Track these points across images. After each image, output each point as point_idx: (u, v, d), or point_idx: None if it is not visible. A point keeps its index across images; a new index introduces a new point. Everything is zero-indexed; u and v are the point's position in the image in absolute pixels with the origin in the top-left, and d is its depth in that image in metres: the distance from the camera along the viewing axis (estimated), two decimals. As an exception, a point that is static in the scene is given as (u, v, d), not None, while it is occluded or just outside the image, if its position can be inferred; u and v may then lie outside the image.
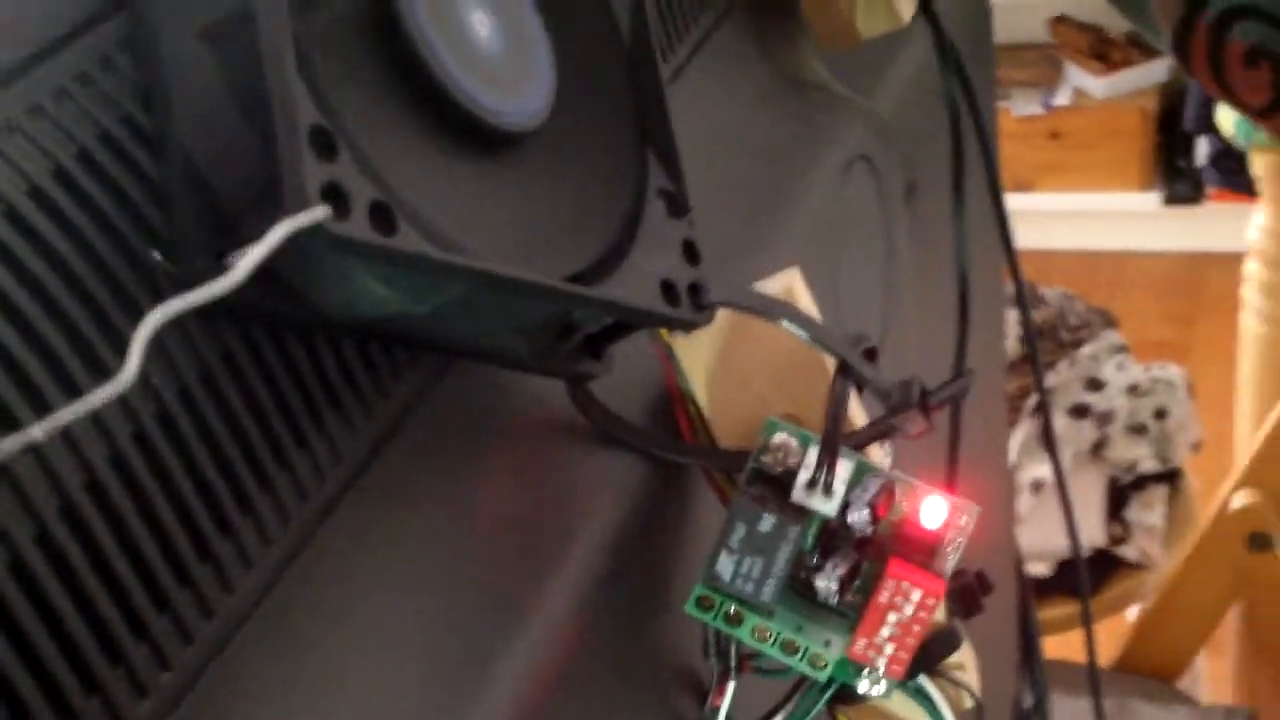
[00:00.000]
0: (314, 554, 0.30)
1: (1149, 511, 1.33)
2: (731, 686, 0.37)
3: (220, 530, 0.28)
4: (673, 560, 0.38)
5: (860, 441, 0.35)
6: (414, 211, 0.28)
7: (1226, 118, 1.33)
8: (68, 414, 0.24)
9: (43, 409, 0.25)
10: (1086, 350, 1.35)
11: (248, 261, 0.25)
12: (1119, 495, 1.33)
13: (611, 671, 0.36)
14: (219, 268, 0.28)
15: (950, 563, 0.35)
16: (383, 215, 0.27)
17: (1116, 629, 1.32)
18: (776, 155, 0.46)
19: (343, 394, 0.32)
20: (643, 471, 0.36)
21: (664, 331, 0.36)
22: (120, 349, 0.26)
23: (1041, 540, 1.25)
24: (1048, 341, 1.34)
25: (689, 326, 0.33)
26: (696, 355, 0.36)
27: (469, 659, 0.31)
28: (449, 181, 0.30)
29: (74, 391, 0.26)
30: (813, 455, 0.35)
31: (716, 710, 0.38)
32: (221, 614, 0.28)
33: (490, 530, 0.33)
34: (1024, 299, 0.62)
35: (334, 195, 0.26)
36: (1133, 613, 1.35)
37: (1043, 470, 1.30)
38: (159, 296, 0.28)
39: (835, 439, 0.34)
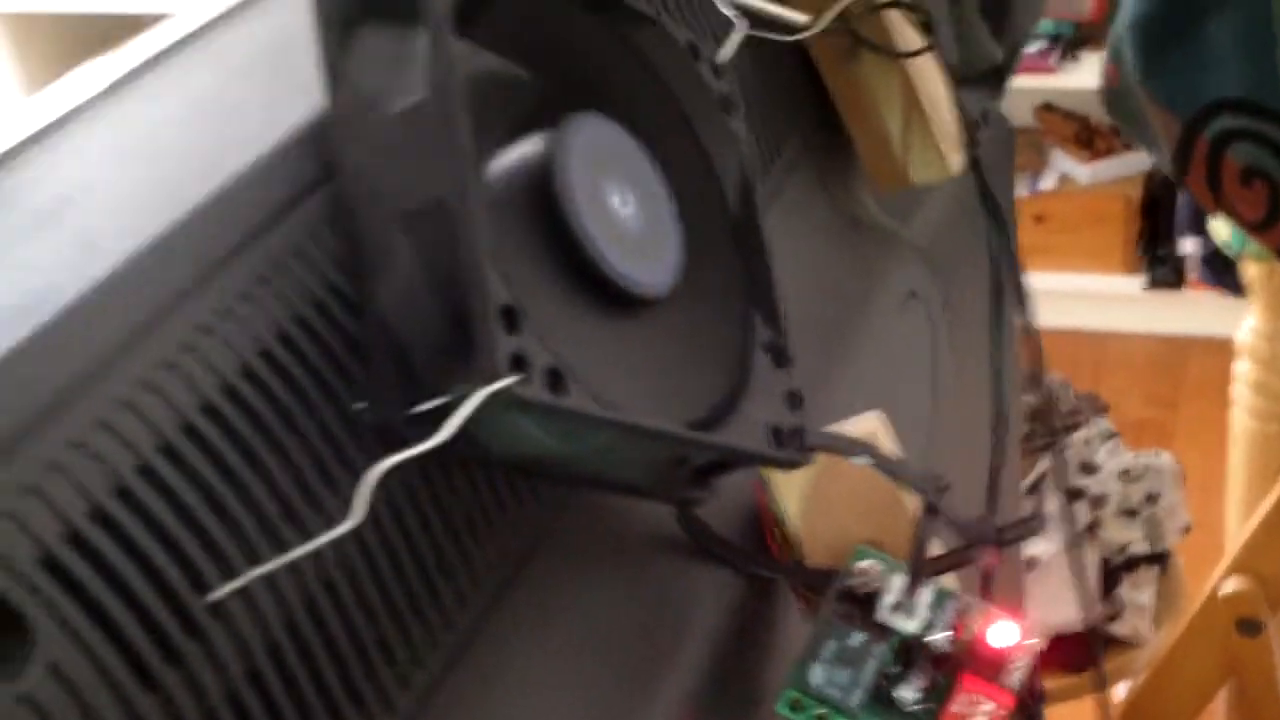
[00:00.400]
0: (462, 669, 0.35)
1: (1139, 591, 1.38)
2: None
3: (382, 652, 0.32)
4: (763, 663, 0.42)
5: (938, 570, 0.40)
6: (577, 374, 0.32)
7: (1222, 226, 1.39)
8: (300, 551, 0.29)
9: (249, 543, 0.29)
10: (1080, 435, 1.40)
11: (454, 420, 0.30)
12: (1111, 575, 1.38)
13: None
14: (412, 417, 0.32)
15: (1017, 678, 0.39)
16: (557, 379, 0.31)
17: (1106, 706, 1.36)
18: (840, 292, 0.51)
19: (494, 518, 0.36)
20: (739, 585, 0.41)
21: (759, 462, 0.41)
22: (314, 487, 0.31)
23: (1036, 615, 1.30)
24: (1043, 425, 1.38)
25: (792, 467, 0.38)
26: (790, 484, 0.41)
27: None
28: (597, 343, 0.35)
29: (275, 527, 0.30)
30: (896, 579, 0.39)
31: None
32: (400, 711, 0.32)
33: (612, 638, 0.38)
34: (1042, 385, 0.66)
35: (518, 364, 0.31)
36: (1122, 689, 1.39)
37: (1038, 548, 1.35)
38: (359, 440, 0.32)
39: (920, 570, 0.38)
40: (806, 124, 0.53)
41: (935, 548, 0.41)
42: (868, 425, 0.41)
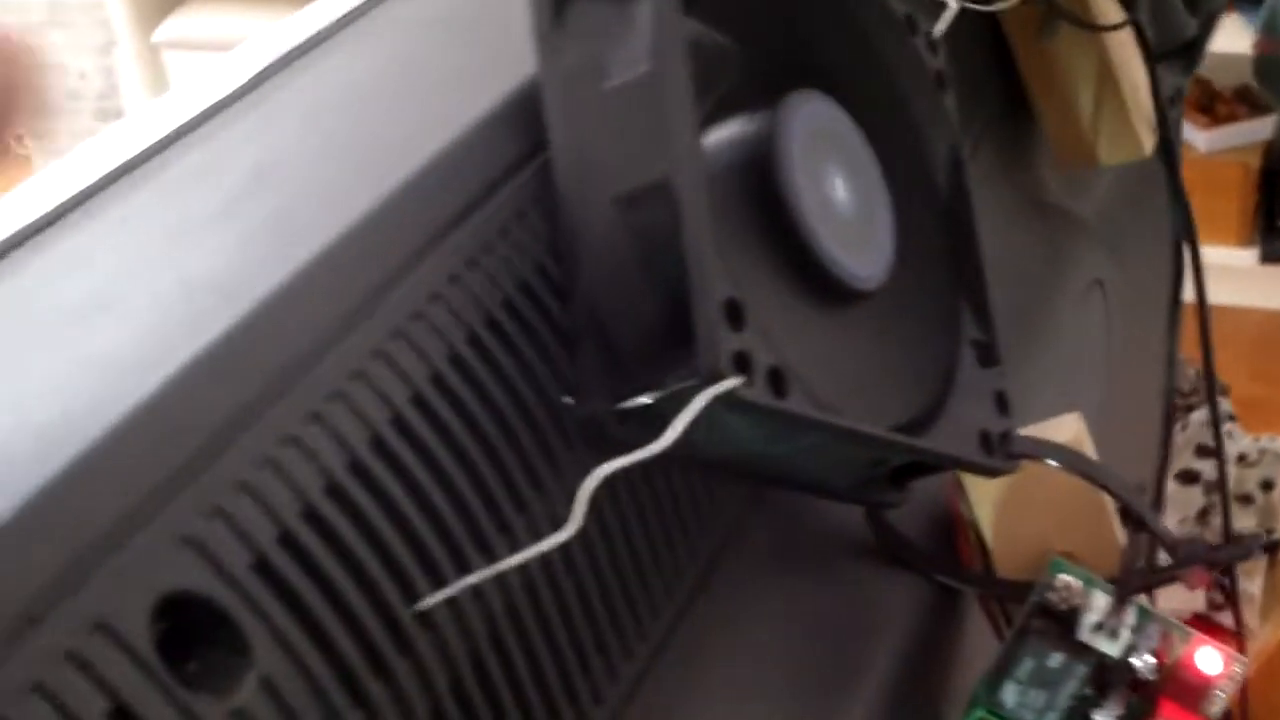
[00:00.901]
0: (655, 679, 0.33)
1: (1249, 581, 1.33)
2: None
3: (579, 663, 0.31)
4: (949, 675, 0.40)
5: (1144, 589, 0.37)
6: (796, 372, 0.30)
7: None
8: (518, 558, 0.27)
9: (457, 547, 0.28)
10: (1197, 417, 1.36)
11: (677, 425, 0.28)
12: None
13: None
14: (620, 413, 0.30)
15: (1219, 708, 0.37)
16: (779, 380, 0.29)
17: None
18: (1024, 278, 0.48)
19: (687, 520, 0.34)
20: (925, 593, 0.39)
21: (954, 464, 0.38)
22: (519, 486, 0.29)
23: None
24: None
25: (997, 474, 0.36)
26: (986, 488, 0.39)
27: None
28: (810, 336, 0.33)
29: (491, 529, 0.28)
30: (1097, 597, 0.37)
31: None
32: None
33: (801, 642, 0.36)
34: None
35: (741, 363, 0.28)
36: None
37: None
38: (565, 435, 0.30)
39: (1129, 589, 0.36)
40: (993, 100, 0.50)
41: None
42: (1070, 429, 0.39)
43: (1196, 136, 2.38)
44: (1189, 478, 1.34)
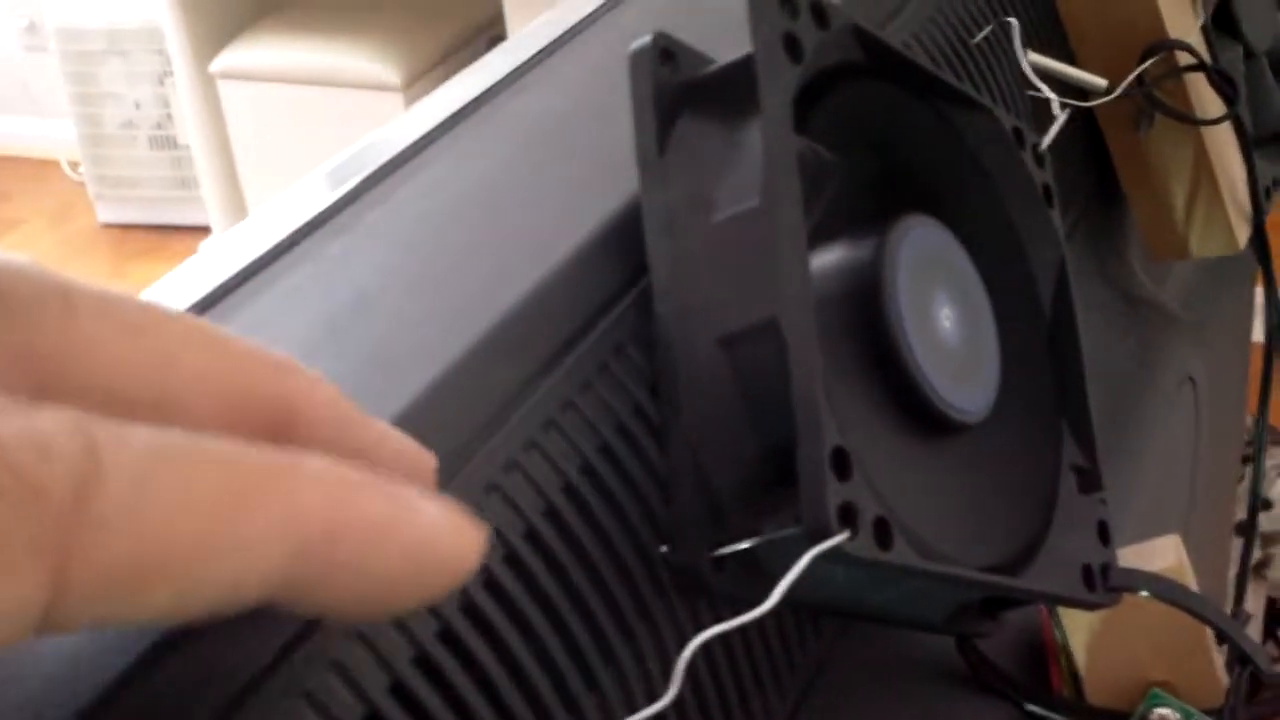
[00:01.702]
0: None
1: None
2: None
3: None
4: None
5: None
6: (900, 519, 0.29)
7: None
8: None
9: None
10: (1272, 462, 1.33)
11: (783, 585, 0.26)
12: (1275, 616, 1.32)
13: None
14: (714, 559, 0.29)
15: None
16: (884, 531, 0.28)
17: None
18: (1116, 377, 0.46)
19: (776, 656, 0.33)
20: (1016, 720, 0.37)
21: (1048, 588, 0.37)
22: (610, 640, 0.28)
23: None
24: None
25: (1099, 609, 0.34)
26: (1080, 615, 0.37)
27: None
28: (915, 475, 0.31)
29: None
30: (1198, 734, 0.35)
31: None
32: None
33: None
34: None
35: (846, 516, 0.27)
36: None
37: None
38: (659, 587, 0.29)
39: (1236, 733, 0.34)
40: (1084, 190, 0.48)
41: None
42: (1170, 555, 0.37)
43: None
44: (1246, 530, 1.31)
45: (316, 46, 2.10)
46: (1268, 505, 1.30)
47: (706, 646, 0.30)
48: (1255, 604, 1.30)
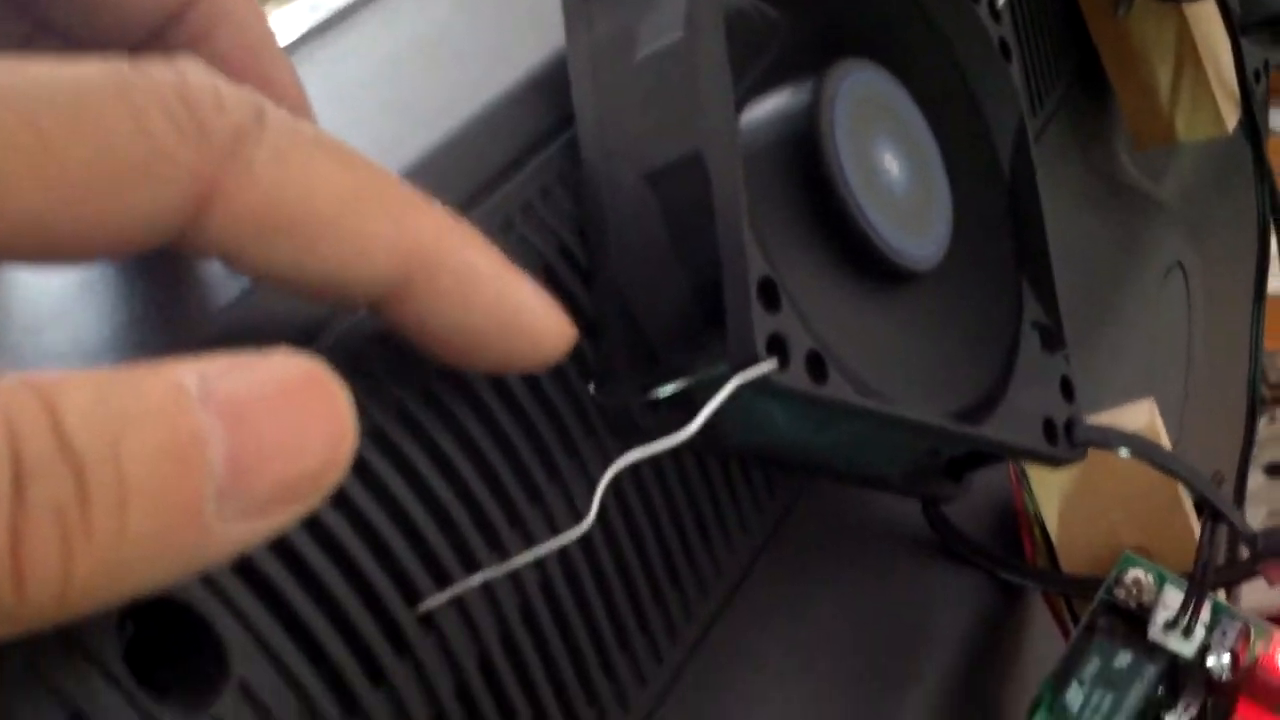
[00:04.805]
0: (689, 682, 0.30)
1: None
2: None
3: (602, 668, 0.27)
4: (1009, 678, 0.36)
5: (1221, 584, 0.33)
6: (836, 356, 0.27)
7: None
8: (528, 555, 0.24)
9: (464, 543, 0.25)
10: (1288, 405, 1.29)
11: (703, 413, 0.25)
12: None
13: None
14: (648, 402, 0.27)
15: (1303, 712, 0.33)
16: (818, 365, 0.26)
17: None
18: (1098, 262, 0.44)
19: (725, 511, 0.31)
20: (985, 589, 0.35)
21: (1017, 454, 0.35)
22: (535, 479, 0.26)
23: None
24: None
25: (1062, 464, 0.32)
26: (1051, 481, 0.35)
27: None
28: (854, 320, 0.29)
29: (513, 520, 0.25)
30: (1170, 594, 0.33)
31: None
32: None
33: (849, 643, 0.33)
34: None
35: (776, 346, 0.25)
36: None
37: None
38: (585, 424, 0.27)
39: (1205, 584, 0.32)
40: (1066, 76, 0.46)
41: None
42: (1143, 416, 0.35)
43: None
44: (1277, 471, 1.27)
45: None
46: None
47: (645, 492, 0.29)
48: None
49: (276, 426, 0.17)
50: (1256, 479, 1.28)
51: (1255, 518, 1.23)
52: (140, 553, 0.16)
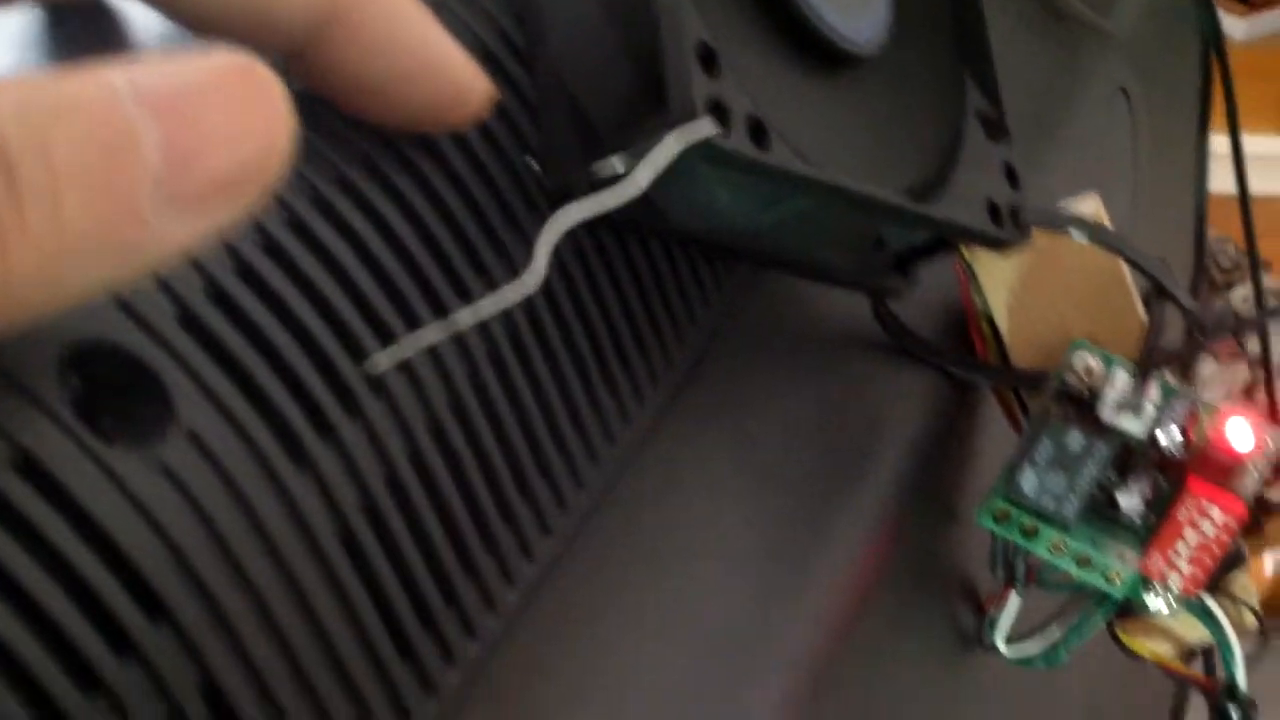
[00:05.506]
0: (638, 469, 0.29)
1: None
2: (1014, 598, 0.36)
3: (551, 435, 0.27)
4: (962, 474, 0.36)
5: (1169, 361, 0.34)
6: (782, 133, 0.27)
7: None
8: (488, 305, 0.23)
9: (410, 309, 0.24)
10: (1239, 293, 1.30)
11: (645, 168, 0.24)
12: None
13: (899, 578, 0.35)
14: (588, 176, 0.27)
15: (1252, 485, 0.33)
16: (759, 131, 0.26)
17: (1256, 575, 1.28)
18: (1041, 86, 0.44)
19: (672, 301, 0.31)
20: (937, 386, 0.35)
21: (965, 250, 0.35)
22: (482, 254, 0.26)
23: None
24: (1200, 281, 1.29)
25: (1009, 246, 0.32)
26: (998, 275, 0.35)
27: (787, 564, 0.30)
28: (797, 101, 0.29)
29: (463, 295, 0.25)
30: (1119, 376, 0.33)
31: (995, 619, 0.36)
32: (572, 509, 0.27)
33: (800, 438, 0.33)
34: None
35: (717, 110, 0.25)
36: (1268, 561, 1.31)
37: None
38: (530, 203, 0.27)
39: (1154, 361, 0.32)
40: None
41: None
42: (1088, 205, 0.35)
43: (1235, 25, 2.28)
44: (1233, 354, 1.28)
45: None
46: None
47: (591, 274, 0.28)
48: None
49: (211, 116, 0.17)
50: (1208, 367, 1.29)
51: (1213, 396, 1.24)
52: (79, 246, 0.16)
